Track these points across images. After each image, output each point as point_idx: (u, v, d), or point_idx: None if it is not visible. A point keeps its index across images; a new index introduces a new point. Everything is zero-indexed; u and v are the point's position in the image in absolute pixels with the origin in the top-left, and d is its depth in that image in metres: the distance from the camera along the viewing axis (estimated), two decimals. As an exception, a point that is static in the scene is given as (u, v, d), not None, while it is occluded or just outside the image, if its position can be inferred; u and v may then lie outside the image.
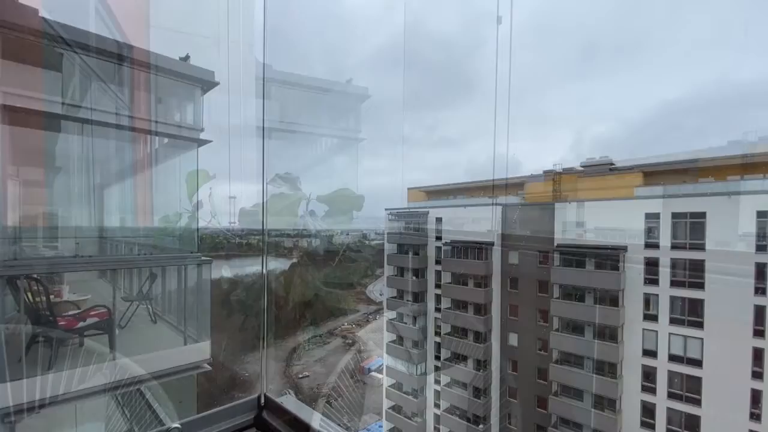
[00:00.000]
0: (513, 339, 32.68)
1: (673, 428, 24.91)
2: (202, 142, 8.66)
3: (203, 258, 8.30)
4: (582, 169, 33.29)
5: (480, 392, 32.87)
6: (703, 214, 23.74)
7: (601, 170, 31.57)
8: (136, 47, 8.41)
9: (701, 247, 23.74)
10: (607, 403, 26.95)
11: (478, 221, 33.75)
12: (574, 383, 28.25)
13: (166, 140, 9.39)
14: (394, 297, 40.08)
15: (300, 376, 71.00)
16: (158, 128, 8.79)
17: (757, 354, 22.32)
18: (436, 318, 36.90)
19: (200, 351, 8.05)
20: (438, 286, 36.24)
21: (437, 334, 36.62)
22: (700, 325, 23.97)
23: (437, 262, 36.38)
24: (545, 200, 33.87)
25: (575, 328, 28.48)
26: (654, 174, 29.04)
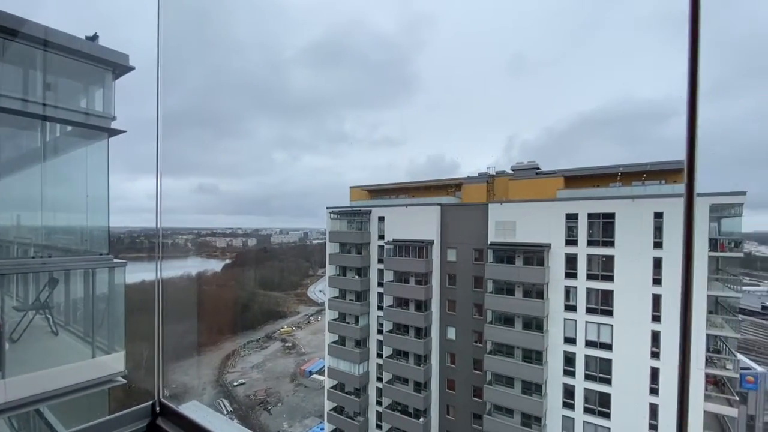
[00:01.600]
0: (451, 333, 34.05)
1: (589, 406, 27.85)
2: (113, 132, 7.56)
3: (116, 260, 7.32)
4: (512, 172, 35.96)
5: (421, 386, 33.73)
6: (612, 215, 26.84)
7: (528, 174, 34.35)
8: (29, 21, 7.11)
9: (611, 244, 26.80)
10: (534, 388, 29.12)
11: (420, 220, 34.53)
12: (506, 372, 30.14)
13: (69, 128, 8.08)
14: (336, 297, 39.61)
15: (235, 383, 67.24)
16: (58, 114, 7.51)
17: (655, 336, 25.73)
18: (378, 316, 37.18)
19: (112, 363, 7.09)
20: (381, 284, 36.54)
21: (380, 332, 36.93)
22: (610, 313, 27.01)
23: (380, 260, 36.68)
24: (480, 201, 36.00)
25: (506, 320, 30.44)
26: (573, 178, 32.29)
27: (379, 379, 36.86)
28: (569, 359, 28.59)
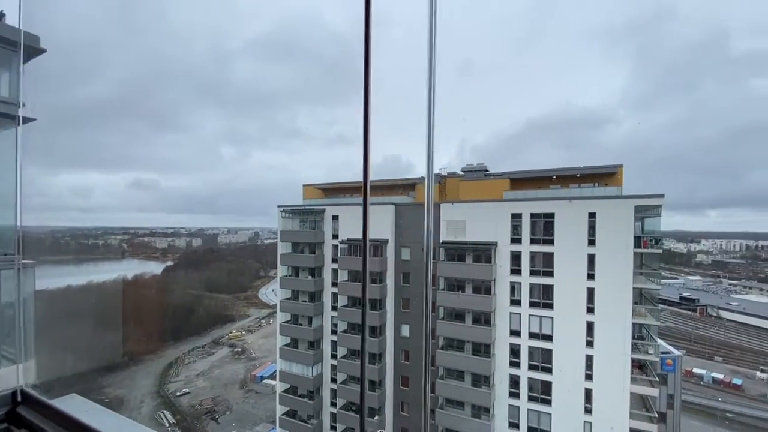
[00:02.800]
0: (405, 330, 34.64)
1: (533, 394, 29.69)
2: (22, 120, 6.61)
3: (24, 261, 6.49)
4: (463, 173, 37.39)
5: (375, 385, 33.92)
6: (552, 215, 28.84)
7: (477, 176, 35.96)
8: None
9: (551, 242, 28.77)
10: (483, 380, 30.48)
11: (375, 220, 34.73)
12: (456, 365, 31.26)
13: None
14: (289, 298, 38.59)
15: (179, 393, 63.03)
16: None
17: (589, 326, 27.99)
18: (333, 317, 36.81)
19: (20, 374, 6.26)
20: (335, 284, 36.18)
21: (333, 332, 36.57)
22: (551, 306, 28.97)
23: (333, 260, 36.30)
24: (434, 201, 36.59)
25: (457, 315, 31.57)
26: (518, 180, 34.30)
27: (333, 380, 36.51)
28: (515, 351, 30.22)
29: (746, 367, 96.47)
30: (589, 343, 27.90)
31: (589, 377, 27.97)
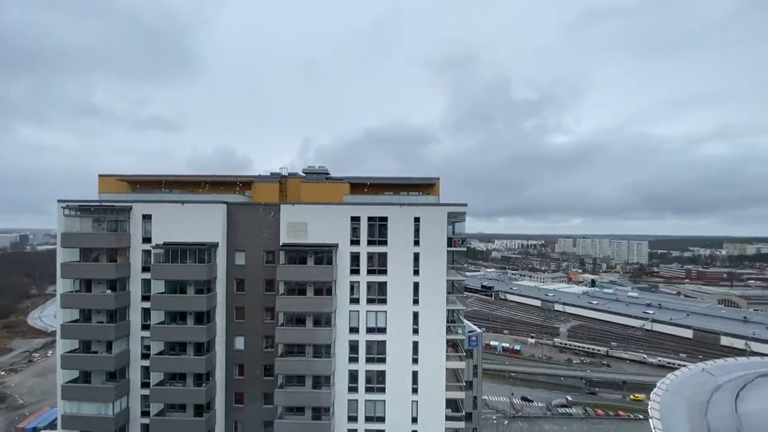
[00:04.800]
0: (240, 342, 31.51)
1: (370, 385, 31.39)
2: None
3: None
4: (304, 175, 36.76)
5: (202, 409, 29.58)
6: (386, 219, 31.32)
7: (319, 178, 36.01)
8: None
9: (385, 243, 31.18)
10: (324, 381, 30.45)
11: (201, 220, 30.27)
12: (296, 371, 30.25)
13: None
14: (76, 320, 29.85)
15: None
16: None
17: (415, 316, 31.42)
18: (144, 337, 30.41)
19: None
20: (146, 298, 29.91)
21: (145, 356, 30.24)
22: (384, 301, 31.33)
23: (144, 269, 30.00)
24: (272, 200, 34.93)
25: (298, 320, 30.65)
26: (357, 185, 36.04)
27: (146, 414, 30.22)
28: (354, 347, 31.45)
29: (523, 336, 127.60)
30: (415, 331, 31.39)
31: (415, 361, 31.41)
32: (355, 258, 31.16)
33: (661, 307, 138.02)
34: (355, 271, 31.21)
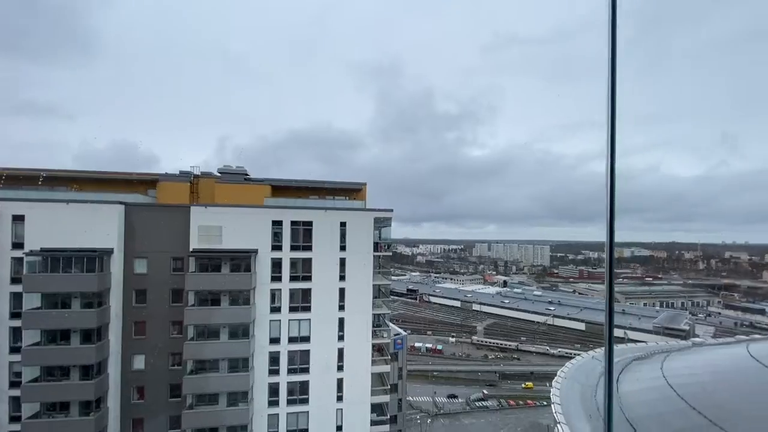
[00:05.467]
0: (139, 362, 27.78)
1: (292, 398, 29.92)
2: None
3: None
4: (219, 174, 33.92)
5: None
6: (311, 223, 30.36)
7: (237, 179, 33.54)
8: None
9: (310, 248, 30.18)
10: (240, 397, 28.26)
11: (91, 223, 26.05)
12: (209, 389, 27.70)
13: None
14: None
15: None
16: None
17: (341, 322, 30.88)
18: (13, 362, 25.15)
19: None
20: (16, 315, 24.75)
21: (14, 385, 25.01)
22: (309, 309, 30.25)
23: (14, 280, 24.83)
24: (181, 202, 31.70)
25: (211, 333, 28.06)
26: (280, 188, 34.45)
27: (11, 457, 24.95)
28: (274, 359, 29.78)
29: (445, 335, 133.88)
30: (341, 338, 30.84)
31: (340, 368, 30.82)
32: (276, 264, 29.60)
33: (561, 304, 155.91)
34: (276, 278, 29.65)
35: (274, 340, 29.83)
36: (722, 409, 11.12)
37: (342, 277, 30.83)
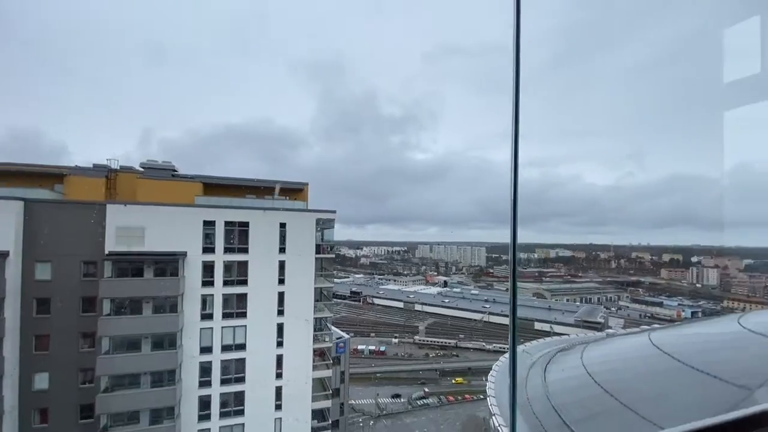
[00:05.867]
0: (42, 381, 24.18)
1: (226, 410, 27.96)
2: None
3: None
4: (142, 169, 30.69)
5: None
6: (247, 224, 28.78)
7: (163, 174, 30.58)
8: None
9: (246, 251, 28.55)
10: (166, 413, 25.84)
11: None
12: (128, 407, 24.96)
13: None
14: None
15: None
16: None
17: (280, 328, 29.61)
18: None
19: None
20: None
21: None
22: (245, 315, 28.56)
23: None
24: (95, 199, 28.01)
25: (131, 344, 25.31)
26: (213, 186, 32.13)
27: None
28: (205, 369, 27.72)
29: (388, 337, 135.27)
30: (280, 344, 29.56)
31: (279, 375, 29.53)
32: (208, 268, 27.57)
33: (495, 302, 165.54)
34: (208, 283, 27.60)
35: (206, 350, 27.74)
36: (631, 392, 12.40)
37: (281, 281, 29.60)
